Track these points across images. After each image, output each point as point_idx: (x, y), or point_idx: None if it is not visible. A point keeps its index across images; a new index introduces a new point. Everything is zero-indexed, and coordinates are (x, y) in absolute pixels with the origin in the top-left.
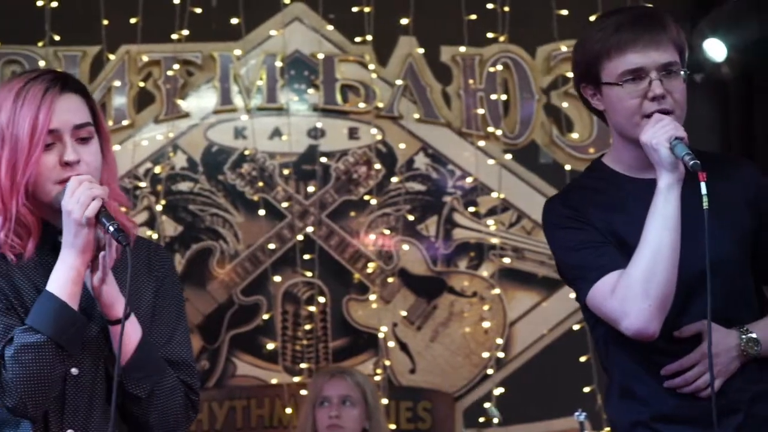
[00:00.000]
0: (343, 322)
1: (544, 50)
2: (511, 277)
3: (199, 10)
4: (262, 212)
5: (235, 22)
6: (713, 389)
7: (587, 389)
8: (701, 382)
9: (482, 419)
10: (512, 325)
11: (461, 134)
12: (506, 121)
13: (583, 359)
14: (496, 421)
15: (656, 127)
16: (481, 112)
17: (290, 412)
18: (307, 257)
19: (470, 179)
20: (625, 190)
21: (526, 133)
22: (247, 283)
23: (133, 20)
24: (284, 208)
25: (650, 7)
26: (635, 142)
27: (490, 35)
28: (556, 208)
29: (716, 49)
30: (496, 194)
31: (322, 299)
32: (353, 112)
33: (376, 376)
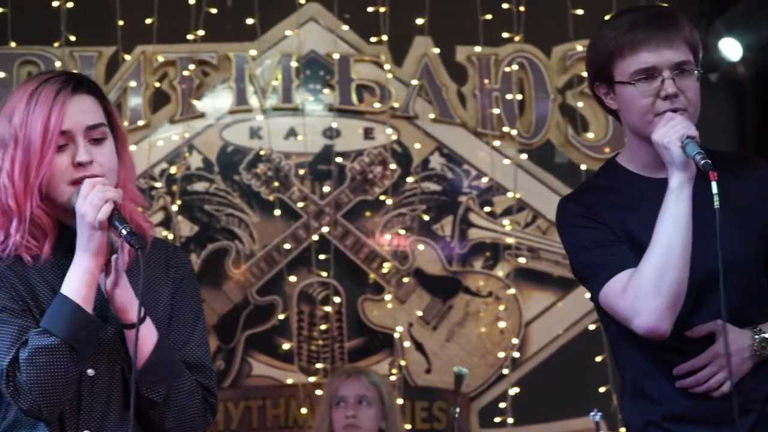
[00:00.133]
0: (358, 322)
1: (559, 50)
2: (526, 276)
3: (214, 10)
4: (277, 212)
5: (250, 22)
6: (733, 388)
7: (603, 389)
8: (713, 382)
9: (498, 419)
10: (528, 325)
11: (476, 134)
12: (521, 120)
13: (598, 359)
14: (465, 371)
15: (668, 125)
16: (496, 111)
17: (305, 412)
18: (322, 257)
19: (485, 179)
20: (639, 189)
21: (541, 132)
22: (262, 283)
23: (148, 20)
24: (300, 208)
25: (664, 6)
26: (649, 141)
27: (505, 35)
28: (569, 207)
29: (732, 48)
30: (511, 194)
31: (337, 299)
32: (368, 112)
33: (391, 376)
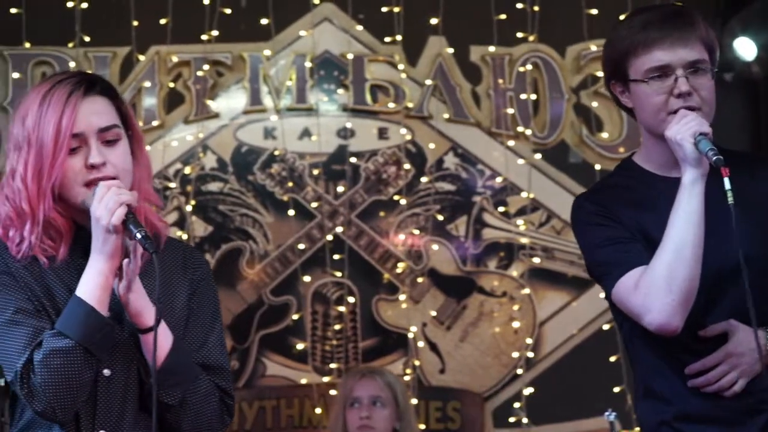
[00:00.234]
0: (372, 322)
1: (573, 50)
2: (540, 276)
3: (228, 10)
4: (291, 212)
5: (264, 22)
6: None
7: (617, 389)
8: (724, 381)
9: (512, 419)
10: (542, 324)
11: (491, 134)
12: (536, 120)
13: (613, 359)
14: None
15: (681, 122)
16: (510, 111)
17: (320, 412)
18: (336, 257)
19: (500, 179)
20: (655, 188)
21: (555, 132)
22: (276, 283)
23: (162, 21)
24: (314, 208)
25: (680, 5)
26: (663, 140)
27: (519, 35)
28: (584, 205)
29: (746, 48)
30: (525, 194)
31: (351, 299)
32: (383, 112)
33: (405, 376)
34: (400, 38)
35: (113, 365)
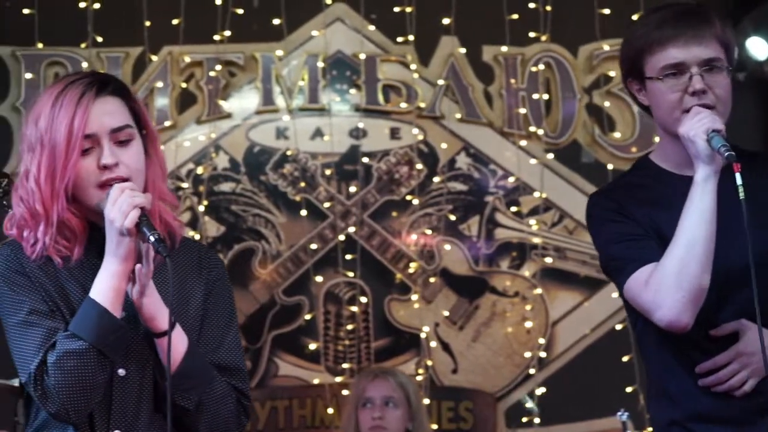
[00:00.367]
0: (385, 322)
1: (586, 49)
2: (553, 276)
3: (240, 10)
4: (304, 212)
5: (276, 22)
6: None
7: (630, 389)
8: (734, 381)
9: (524, 419)
10: (554, 324)
11: (503, 134)
12: (548, 120)
13: (625, 359)
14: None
15: (694, 119)
16: (523, 111)
17: (332, 412)
18: (349, 257)
19: (512, 179)
20: (670, 186)
21: (568, 132)
22: (289, 283)
23: (175, 21)
24: (326, 208)
25: (696, 4)
26: (678, 137)
27: (531, 34)
28: (599, 201)
29: (759, 47)
30: (538, 194)
31: (364, 299)
32: (395, 112)
33: (418, 376)
34: (412, 38)
35: (128, 365)
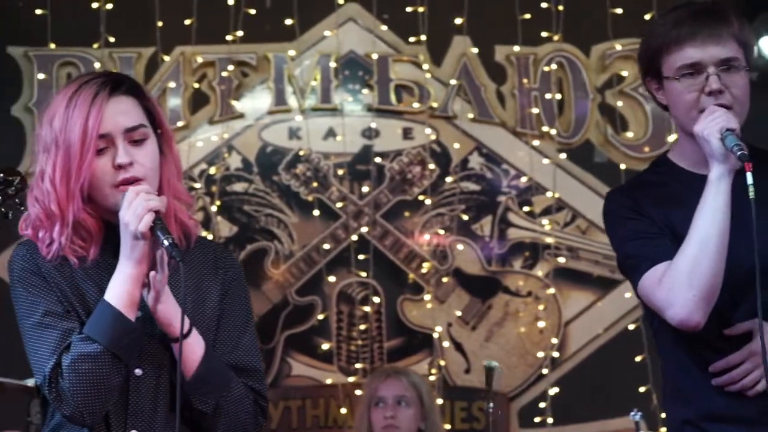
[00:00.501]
0: (397, 322)
1: (598, 49)
2: (566, 276)
3: (253, 11)
4: (316, 212)
5: (289, 22)
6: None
7: (643, 389)
8: (747, 380)
9: (537, 419)
10: (567, 324)
11: (516, 134)
12: (561, 120)
13: (638, 359)
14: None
15: (709, 118)
16: (535, 111)
17: (345, 412)
18: (361, 257)
19: (525, 179)
20: (686, 185)
21: (580, 132)
22: (301, 283)
23: (187, 21)
24: (339, 208)
25: (714, 3)
26: (695, 136)
27: (544, 34)
28: (615, 199)
29: None
30: (550, 194)
31: (376, 299)
32: (407, 112)
33: (431, 376)
34: (424, 38)
35: (144, 365)
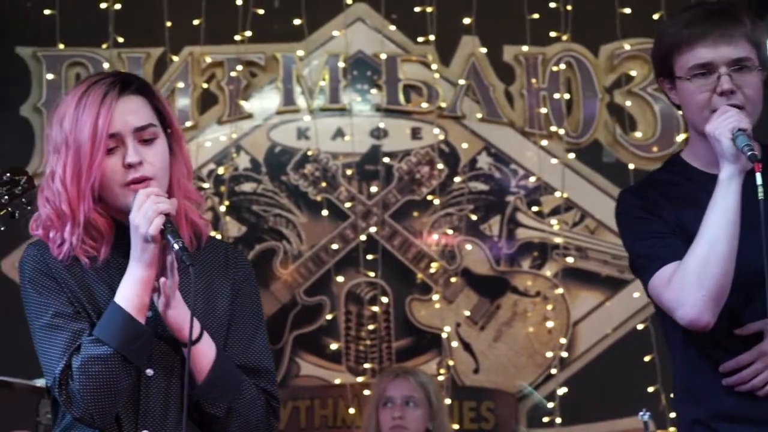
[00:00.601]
0: (406, 322)
1: (606, 49)
2: (574, 276)
3: (261, 11)
4: (325, 212)
5: (297, 22)
6: None
7: (651, 389)
8: (757, 381)
9: (546, 419)
10: (576, 324)
11: (524, 133)
12: (569, 120)
13: (647, 359)
14: (549, 406)
15: (720, 118)
16: (543, 111)
17: (353, 412)
18: (370, 257)
19: (533, 179)
20: (699, 184)
21: (589, 132)
22: (310, 283)
23: (196, 22)
24: (347, 208)
25: (726, 2)
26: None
27: (552, 34)
28: (628, 198)
29: None
30: (559, 193)
31: (385, 299)
32: (416, 112)
33: (439, 376)
34: (433, 38)
35: (155, 365)
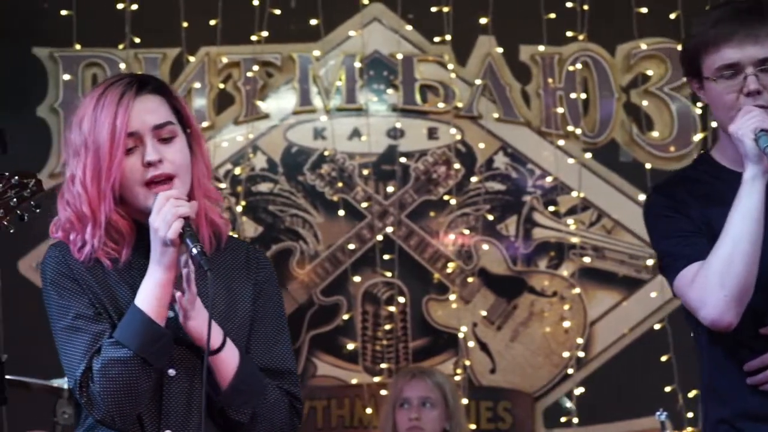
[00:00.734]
0: (422, 322)
1: (623, 48)
2: (591, 276)
3: (278, 11)
4: (341, 213)
5: (314, 23)
6: None
7: (668, 389)
8: None
9: (563, 419)
10: (593, 324)
11: (541, 133)
12: (586, 119)
13: (664, 359)
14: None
15: (744, 118)
16: (560, 111)
17: (370, 412)
18: (386, 257)
19: (550, 178)
20: (726, 183)
21: (605, 131)
22: (327, 283)
23: (212, 22)
24: (364, 208)
25: (754, 1)
26: None
27: (569, 34)
28: (655, 197)
29: None
30: (575, 193)
31: (401, 299)
32: (432, 112)
33: (456, 376)
34: (449, 38)
35: (177, 366)
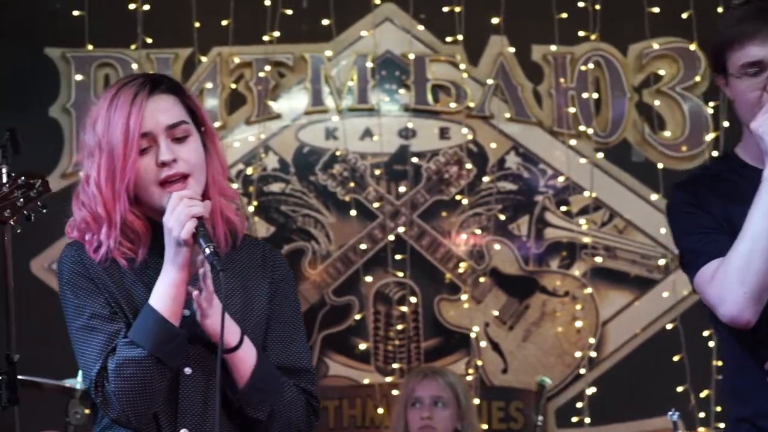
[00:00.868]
0: (434, 322)
1: (635, 48)
2: (603, 276)
3: (290, 11)
4: (353, 213)
5: (326, 23)
6: None
7: (680, 389)
8: None
9: (575, 419)
10: (605, 324)
11: (552, 133)
12: (598, 119)
13: (676, 358)
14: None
15: (766, 115)
16: (572, 110)
17: (382, 412)
18: (398, 257)
19: (562, 178)
20: (749, 179)
21: (617, 131)
22: (338, 283)
23: (224, 22)
24: (375, 208)
25: None
26: None
27: (581, 33)
28: (677, 193)
29: None
30: (587, 193)
31: (413, 299)
32: (444, 112)
33: (468, 376)
34: (461, 38)
35: (194, 364)
